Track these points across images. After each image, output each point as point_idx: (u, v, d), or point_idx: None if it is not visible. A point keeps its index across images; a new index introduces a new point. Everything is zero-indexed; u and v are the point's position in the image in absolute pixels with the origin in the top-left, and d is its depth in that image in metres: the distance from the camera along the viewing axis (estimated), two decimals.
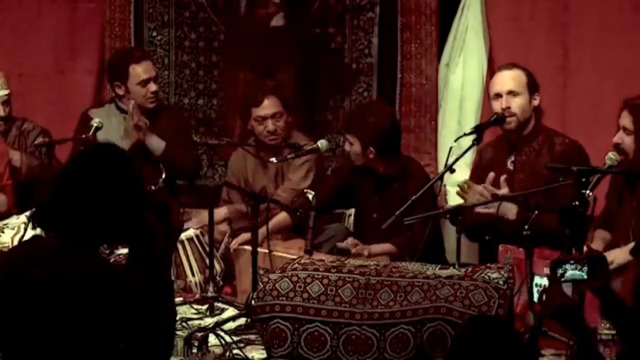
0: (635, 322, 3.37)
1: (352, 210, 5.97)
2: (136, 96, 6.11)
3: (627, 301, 3.71)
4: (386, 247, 5.47)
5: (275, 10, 6.76)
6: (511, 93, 5.41)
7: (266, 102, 5.99)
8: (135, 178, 3.07)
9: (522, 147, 5.43)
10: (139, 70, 6.11)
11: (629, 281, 4.35)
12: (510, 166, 5.43)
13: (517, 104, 5.40)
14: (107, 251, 4.81)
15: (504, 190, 5.20)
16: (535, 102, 5.45)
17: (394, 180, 5.60)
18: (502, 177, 5.26)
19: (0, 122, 6.16)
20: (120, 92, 6.17)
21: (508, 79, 5.43)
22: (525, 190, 5.15)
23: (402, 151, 5.78)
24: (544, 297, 3.82)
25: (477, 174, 5.50)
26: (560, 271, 3.70)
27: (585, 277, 3.68)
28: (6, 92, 6.15)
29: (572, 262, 3.68)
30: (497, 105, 5.41)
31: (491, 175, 5.27)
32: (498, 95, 5.43)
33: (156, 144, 5.99)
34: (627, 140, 5.05)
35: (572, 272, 3.68)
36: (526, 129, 5.44)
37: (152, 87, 6.12)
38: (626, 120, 5.06)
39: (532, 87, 5.44)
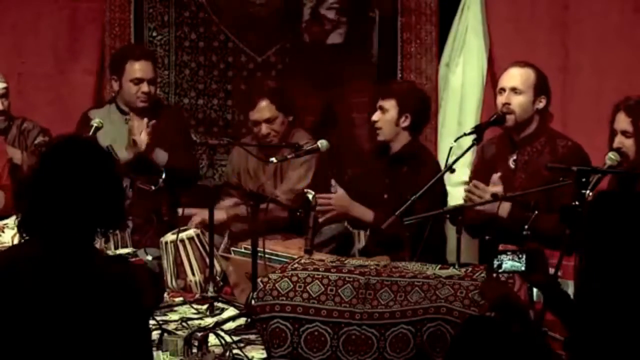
0: (579, 310, 3.38)
1: None
2: (127, 93, 6.12)
3: None
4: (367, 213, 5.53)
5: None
6: (514, 90, 5.41)
7: (260, 105, 6.01)
8: (107, 163, 3.05)
9: (524, 147, 5.44)
10: (135, 68, 6.12)
11: None
12: (512, 165, 5.43)
13: (517, 101, 5.41)
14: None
15: (498, 188, 5.20)
16: (540, 105, 5.43)
17: (405, 164, 5.64)
18: (496, 175, 5.27)
19: (0, 118, 6.14)
20: (116, 86, 6.20)
21: (514, 76, 5.44)
22: (525, 190, 5.15)
23: None
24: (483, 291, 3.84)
25: (480, 170, 5.51)
26: (497, 263, 3.69)
27: (524, 268, 3.67)
28: (4, 85, 6.14)
29: (508, 253, 3.68)
30: (500, 100, 5.45)
31: (495, 176, 5.28)
32: (502, 90, 5.46)
33: (161, 156, 5.99)
34: (628, 143, 5.03)
35: (510, 263, 3.67)
36: (527, 129, 5.44)
37: (144, 87, 6.11)
38: (624, 122, 5.04)
39: (539, 88, 5.43)
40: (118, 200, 3.04)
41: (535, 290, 4.48)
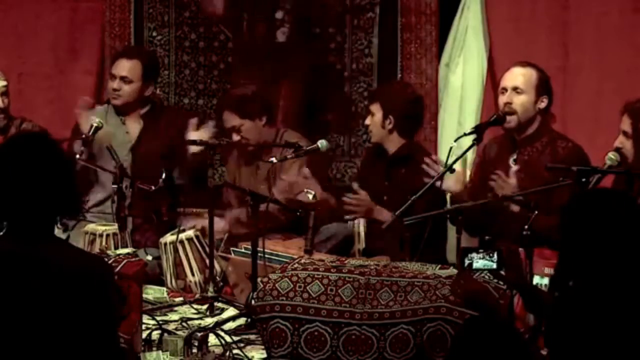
0: (555, 308, 3.40)
1: None
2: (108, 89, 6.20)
3: None
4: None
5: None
6: (516, 90, 5.42)
7: (224, 116, 6.09)
8: (55, 152, 3.08)
9: (525, 147, 5.44)
10: (115, 64, 6.19)
11: None
12: (512, 164, 5.43)
13: (519, 101, 5.41)
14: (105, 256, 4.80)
15: (512, 181, 5.21)
16: (542, 105, 5.43)
17: (403, 165, 5.66)
18: (514, 168, 5.27)
19: (0, 116, 6.13)
20: None
21: (517, 76, 5.44)
22: (524, 190, 5.15)
23: None
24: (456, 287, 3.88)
25: (482, 169, 5.51)
26: (467, 261, 3.71)
27: (495, 266, 3.69)
28: (4, 82, 6.13)
29: (480, 251, 3.69)
30: (501, 100, 5.45)
31: (514, 168, 5.30)
32: (504, 90, 5.46)
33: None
34: (627, 144, 5.04)
35: (482, 262, 3.69)
36: (529, 129, 5.43)
37: (114, 83, 6.14)
38: (625, 123, 5.06)
39: (541, 89, 5.42)
40: (70, 188, 3.07)
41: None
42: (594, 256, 3.23)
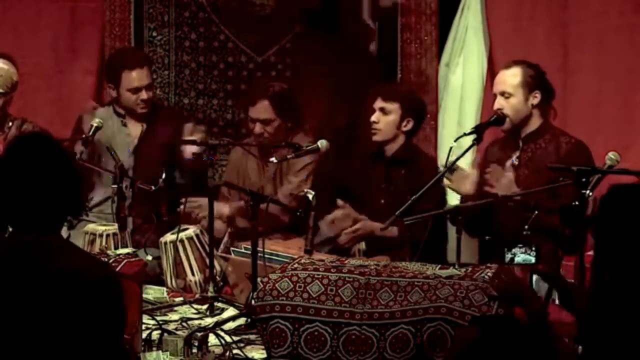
0: (592, 304, 3.39)
1: None
2: (126, 101, 6.14)
3: None
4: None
5: None
6: (503, 94, 5.42)
7: (259, 105, 6.00)
8: (57, 153, 3.09)
9: (528, 145, 5.43)
10: (132, 77, 6.11)
11: None
12: (515, 161, 5.43)
13: (509, 105, 5.41)
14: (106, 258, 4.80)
15: (509, 174, 5.21)
16: (535, 100, 5.42)
17: (402, 166, 5.65)
18: (509, 162, 5.27)
19: None
20: (114, 94, 6.20)
21: (502, 80, 5.45)
22: (526, 189, 5.15)
23: None
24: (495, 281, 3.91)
25: (483, 170, 5.51)
26: (510, 255, 3.75)
27: (534, 261, 3.73)
28: (3, 91, 6.12)
29: (520, 246, 3.74)
30: (494, 106, 5.45)
31: (508, 162, 5.30)
32: (495, 95, 5.46)
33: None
34: None
35: (522, 256, 3.74)
36: (529, 127, 5.43)
37: (143, 95, 6.12)
38: None
39: (530, 85, 5.41)
40: (75, 189, 3.08)
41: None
42: (630, 250, 3.22)
